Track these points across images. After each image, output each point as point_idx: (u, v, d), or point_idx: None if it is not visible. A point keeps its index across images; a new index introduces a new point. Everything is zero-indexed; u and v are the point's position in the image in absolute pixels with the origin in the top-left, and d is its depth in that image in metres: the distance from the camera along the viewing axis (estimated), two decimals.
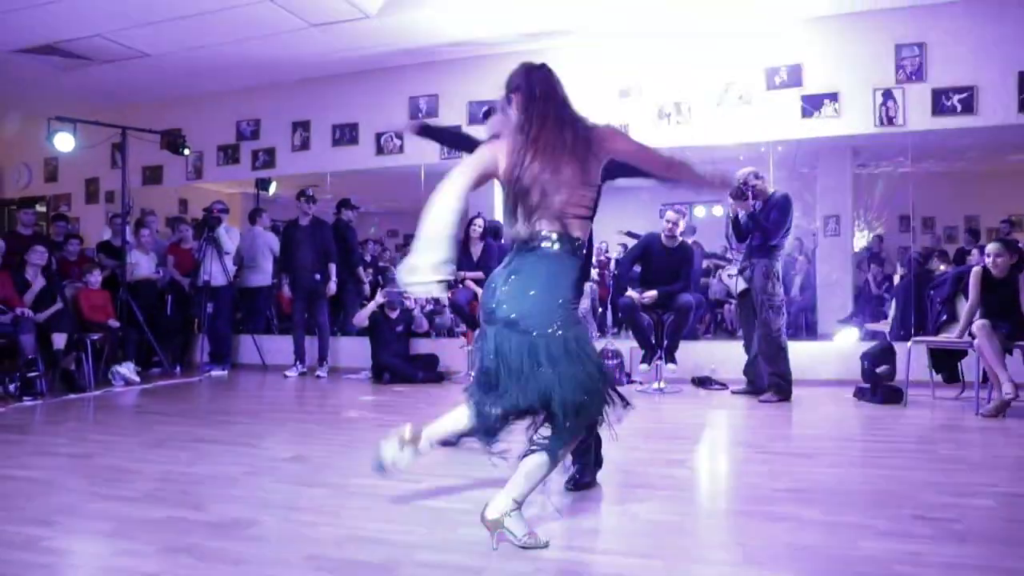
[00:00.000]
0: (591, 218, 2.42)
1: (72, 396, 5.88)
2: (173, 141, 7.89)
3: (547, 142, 2.25)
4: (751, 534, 2.47)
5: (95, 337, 6.51)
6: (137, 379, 6.67)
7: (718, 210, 8.71)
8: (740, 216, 5.50)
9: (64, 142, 7.43)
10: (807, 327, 8.76)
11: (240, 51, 7.43)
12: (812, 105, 6.68)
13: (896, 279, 7.93)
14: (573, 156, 2.26)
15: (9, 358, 5.88)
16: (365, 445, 3.96)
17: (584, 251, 2.40)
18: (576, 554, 2.32)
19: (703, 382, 6.20)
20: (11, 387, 5.75)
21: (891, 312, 7.32)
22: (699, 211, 9.42)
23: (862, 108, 6.56)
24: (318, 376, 7.23)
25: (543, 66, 2.46)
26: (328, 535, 2.48)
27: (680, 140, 6.99)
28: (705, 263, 8.30)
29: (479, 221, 6.92)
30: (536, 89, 2.36)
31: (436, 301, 7.67)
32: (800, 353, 6.19)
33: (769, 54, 6.81)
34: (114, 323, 6.80)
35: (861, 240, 10.56)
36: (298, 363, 7.39)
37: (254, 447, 3.95)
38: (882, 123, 6.53)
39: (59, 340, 6.14)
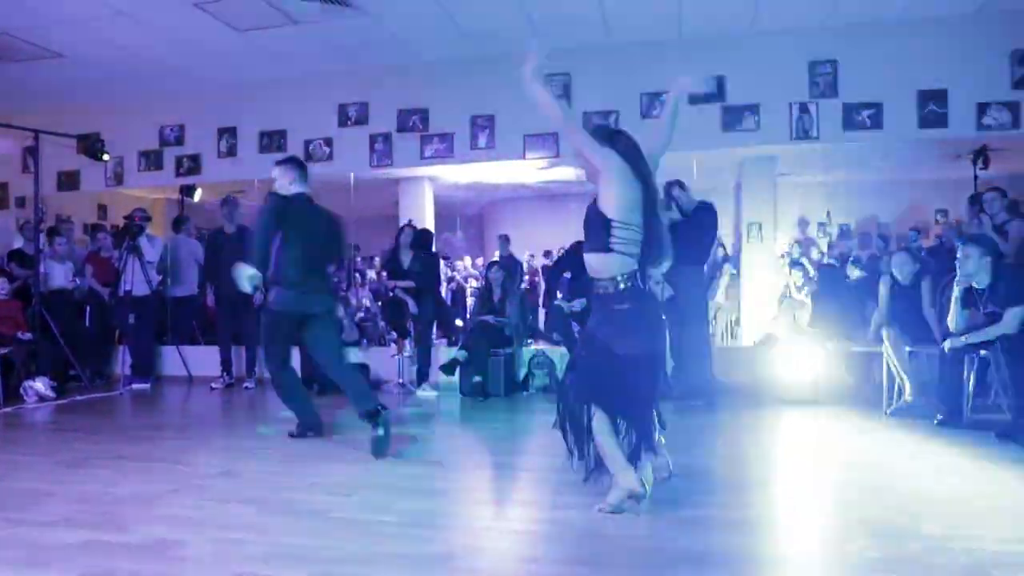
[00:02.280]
0: None
1: None
2: (91, 145, 7.58)
3: None
4: (676, 537, 2.56)
5: (4, 350, 6.21)
6: (52, 394, 6.38)
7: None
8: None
9: None
10: (731, 331, 9.06)
11: (163, 55, 7.24)
12: (733, 118, 6.95)
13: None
14: None
15: None
16: (294, 458, 3.93)
17: None
18: (496, 563, 2.36)
19: None
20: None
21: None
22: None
23: (780, 121, 6.86)
24: (246, 387, 7.07)
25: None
26: (255, 552, 2.45)
27: None
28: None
29: (408, 230, 6.91)
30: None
31: (367, 310, 7.63)
32: (725, 356, 6.42)
33: (692, 68, 7.03)
34: (25, 335, 6.50)
35: (783, 245, 10.99)
36: (225, 374, 7.21)
37: (179, 463, 3.85)
38: (798, 136, 6.83)
39: None
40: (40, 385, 6.34)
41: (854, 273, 7.36)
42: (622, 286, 2.67)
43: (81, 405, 6.16)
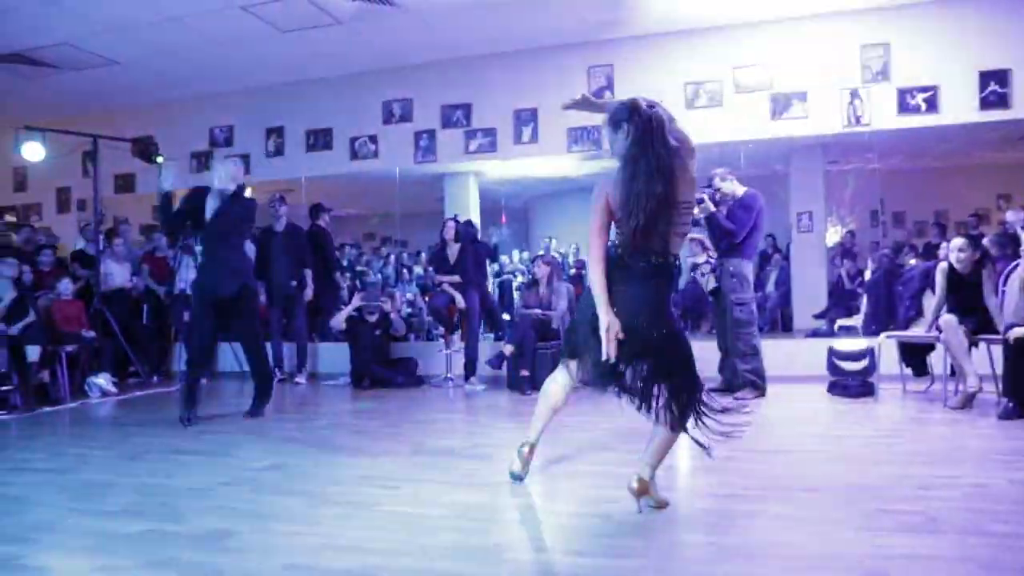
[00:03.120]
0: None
1: (48, 409, 5.82)
2: (145, 149, 7.80)
3: None
4: (722, 531, 2.52)
5: (69, 348, 6.45)
6: (114, 389, 6.62)
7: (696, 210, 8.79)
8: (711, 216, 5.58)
9: (33, 151, 7.34)
10: (783, 323, 8.88)
11: (211, 58, 7.41)
12: (781, 106, 6.80)
13: (867, 274, 8.06)
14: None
15: None
16: (342, 452, 3.99)
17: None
18: (549, 555, 2.35)
19: None
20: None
21: (863, 307, 7.46)
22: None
23: (830, 108, 6.68)
24: (297, 382, 7.21)
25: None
26: (306, 544, 2.50)
27: None
28: (690, 260, 8.38)
29: (450, 224, 6.94)
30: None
31: (411, 304, 7.71)
32: (775, 349, 6.30)
33: (737, 55, 6.92)
34: (88, 333, 6.74)
35: (834, 236, 10.73)
36: (276, 370, 7.34)
37: (232, 457, 3.95)
38: (850, 122, 6.65)
39: (33, 352, 6.07)
40: (102, 381, 6.58)
41: (910, 262, 7.15)
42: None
43: (140, 400, 6.36)
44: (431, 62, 7.78)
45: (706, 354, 6.16)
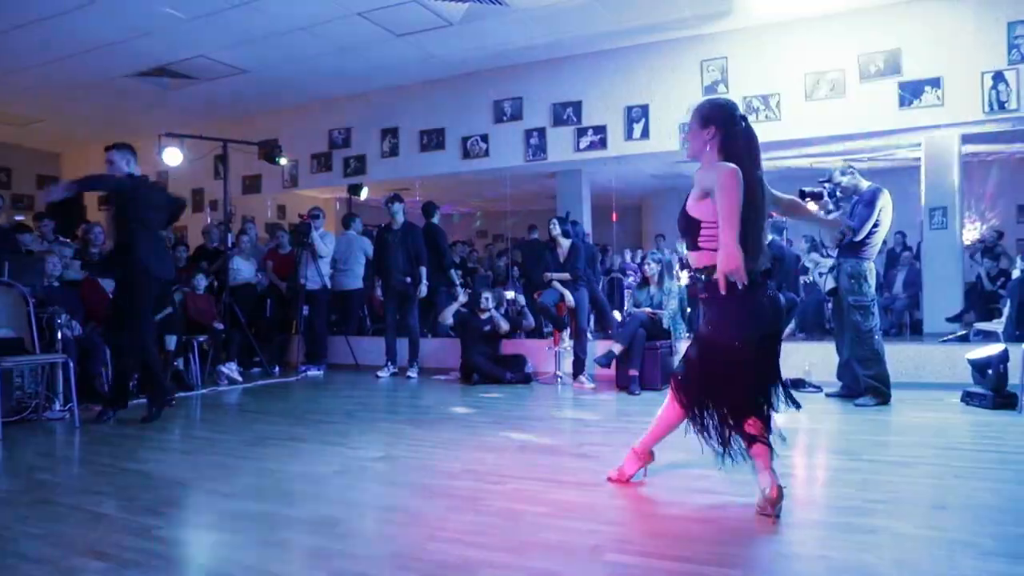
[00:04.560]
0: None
1: (182, 394, 6.25)
2: (270, 151, 8.26)
3: None
4: (837, 546, 2.38)
5: (202, 339, 6.91)
6: (240, 378, 7.03)
7: (812, 206, 8.40)
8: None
9: (172, 156, 7.92)
10: (911, 326, 8.33)
11: (330, 63, 7.74)
12: (912, 93, 6.36)
13: (1015, 274, 7.40)
14: None
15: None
16: (450, 445, 4.06)
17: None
18: (649, 560, 2.29)
19: (796, 384, 5.98)
20: (130, 385, 6.16)
21: (1006, 310, 6.87)
22: None
23: (969, 94, 6.19)
24: (408, 376, 7.39)
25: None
26: (409, 534, 2.55)
27: (769, 136, 6.82)
28: (804, 261, 8.02)
29: (554, 221, 6.92)
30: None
31: (513, 302, 7.75)
32: (901, 354, 5.91)
33: (863, 40, 6.52)
34: (218, 325, 7.19)
35: (972, 233, 9.95)
36: (389, 363, 7.57)
37: (345, 446, 4.10)
38: (992, 109, 6.14)
39: (170, 341, 6.54)
40: (229, 370, 7.00)
41: None
42: (703, 277, 2.67)
43: (263, 389, 6.72)
44: (541, 60, 7.80)
45: (825, 358, 5.88)
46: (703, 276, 2.67)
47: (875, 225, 5.09)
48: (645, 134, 7.40)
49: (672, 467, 3.35)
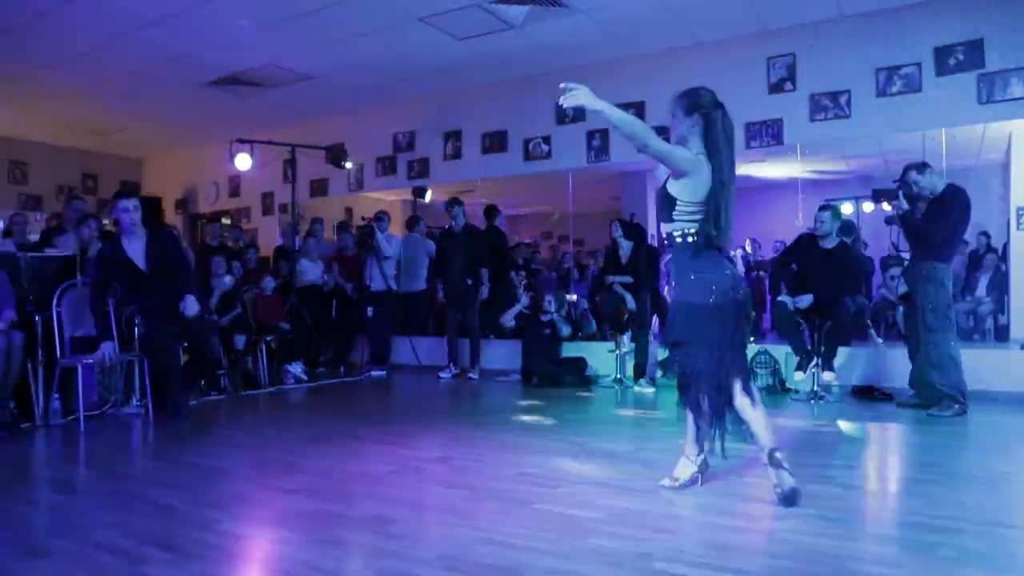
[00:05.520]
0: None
1: (250, 392, 6.46)
2: (336, 155, 8.45)
3: None
4: (899, 563, 2.28)
5: (269, 338, 7.12)
6: (305, 377, 7.21)
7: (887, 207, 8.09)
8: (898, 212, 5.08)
9: (243, 161, 8.20)
10: (996, 332, 7.91)
11: (393, 68, 7.85)
12: (995, 86, 6.04)
13: None
14: None
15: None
16: (506, 448, 4.07)
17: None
18: (701, 571, 2.24)
19: (866, 392, 5.78)
20: (201, 383, 6.41)
21: None
22: (867, 207, 8.78)
23: None
24: (470, 378, 7.44)
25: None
26: (460, 536, 2.57)
27: (838, 134, 6.61)
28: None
29: (615, 223, 6.85)
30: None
31: (578, 304, 7.71)
32: (983, 361, 5.63)
33: (939, 33, 6.23)
34: (285, 325, 7.39)
35: None
36: (451, 365, 7.65)
37: (403, 447, 4.15)
38: None
39: (239, 341, 6.77)
40: (296, 369, 7.19)
41: None
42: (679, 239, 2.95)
43: (327, 388, 6.88)
44: (603, 61, 7.73)
45: (897, 364, 5.66)
46: (679, 238, 2.92)
47: (953, 226, 4.86)
48: None
49: (728, 474, 3.28)
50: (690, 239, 2.89)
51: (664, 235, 3.00)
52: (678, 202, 2.90)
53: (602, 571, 2.22)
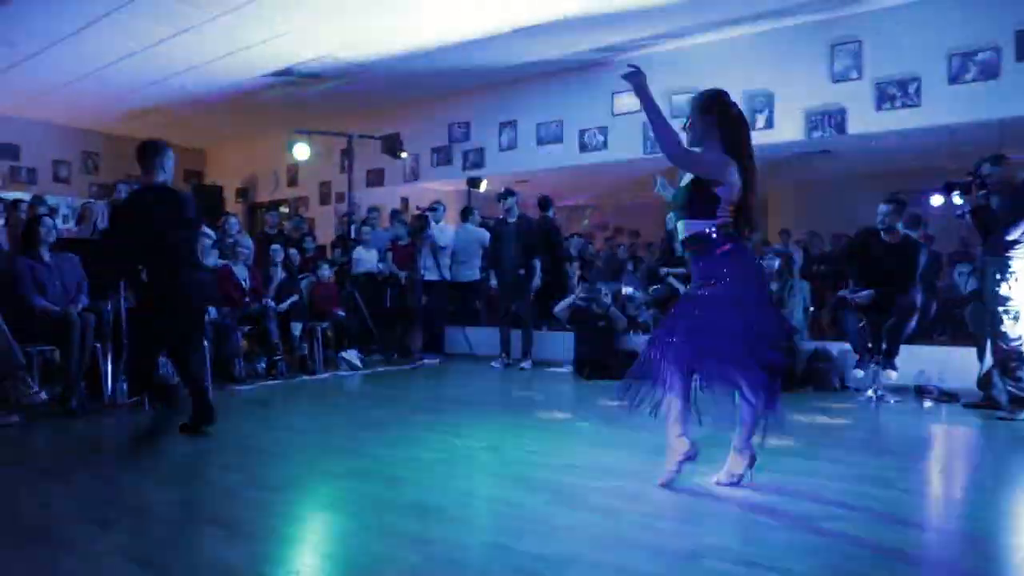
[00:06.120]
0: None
1: (306, 378, 6.60)
2: (392, 145, 8.54)
3: None
4: (961, 570, 2.20)
5: (324, 325, 7.26)
6: (360, 365, 7.32)
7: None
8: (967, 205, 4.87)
9: (301, 152, 8.36)
10: None
11: (450, 58, 7.88)
12: None
13: None
14: None
15: (257, 343, 6.73)
16: (556, 439, 4.06)
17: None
18: (752, 570, 2.20)
19: (929, 392, 5.57)
20: (259, 367, 6.59)
21: None
22: (936, 200, 8.46)
23: None
24: (522, 368, 7.43)
25: None
26: (508, 526, 2.58)
27: (907, 124, 6.37)
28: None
29: (670, 216, 6.73)
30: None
31: (630, 297, 7.63)
32: None
33: (1022, 13, 5.93)
34: (341, 313, 7.52)
35: None
36: (504, 355, 7.66)
37: (453, 434, 4.18)
38: None
39: (296, 327, 6.92)
40: (351, 356, 7.30)
41: None
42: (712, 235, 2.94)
43: (381, 375, 6.98)
44: (660, 52, 7.62)
45: (965, 364, 5.44)
46: (713, 233, 2.90)
47: None
48: (769, 124, 7.08)
49: (779, 473, 3.21)
50: (717, 234, 2.91)
51: (689, 233, 2.98)
52: (720, 201, 2.90)
53: (649, 566, 2.20)
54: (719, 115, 2.96)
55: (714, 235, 2.90)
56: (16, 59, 7.67)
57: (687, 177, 3.02)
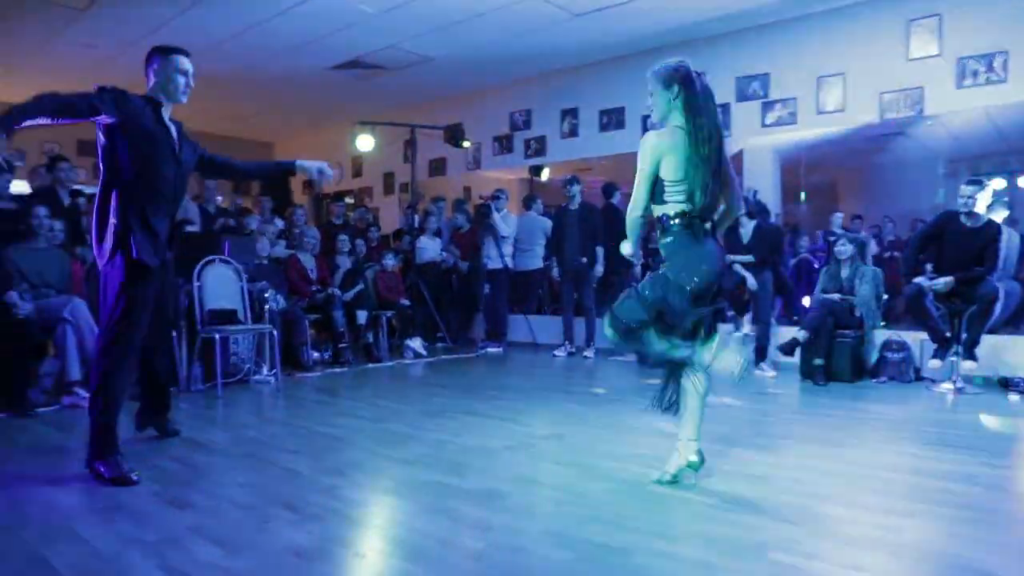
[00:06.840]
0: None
1: (371, 365, 6.72)
2: (454, 135, 8.58)
3: None
4: None
5: (389, 314, 7.37)
6: (424, 352, 7.42)
7: None
8: None
9: (365, 142, 8.49)
10: None
11: (511, 47, 7.87)
12: None
13: None
14: None
15: (324, 331, 6.89)
16: (619, 428, 4.03)
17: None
18: (817, 563, 2.13)
19: (1015, 385, 5.30)
20: (325, 355, 6.75)
21: None
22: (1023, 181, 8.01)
23: None
24: (585, 357, 7.41)
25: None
26: (570, 514, 2.57)
27: (992, 101, 6.04)
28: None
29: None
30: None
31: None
32: None
33: None
34: (405, 302, 7.63)
35: None
36: (567, 343, 7.65)
37: (517, 422, 4.20)
38: None
39: (361, 316, 7.06)
40: (415, 344, 7.41)
41: None
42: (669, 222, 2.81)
43: (444, 363, 7.06)
44: (724, 33, 7.43)
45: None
46: (669, 221, 2.79)
47: None
48: (840, 105, 6.83)
49: (856, 465, 3.10)
50: (674, 220, 2.79)
51: (656, 217, 2.87)
52: (667, 183, 2.77)
53: (714, 557, 2.17)
54: (683, 88, 2.78)
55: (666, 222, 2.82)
56: (98, 57, 8.00)
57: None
